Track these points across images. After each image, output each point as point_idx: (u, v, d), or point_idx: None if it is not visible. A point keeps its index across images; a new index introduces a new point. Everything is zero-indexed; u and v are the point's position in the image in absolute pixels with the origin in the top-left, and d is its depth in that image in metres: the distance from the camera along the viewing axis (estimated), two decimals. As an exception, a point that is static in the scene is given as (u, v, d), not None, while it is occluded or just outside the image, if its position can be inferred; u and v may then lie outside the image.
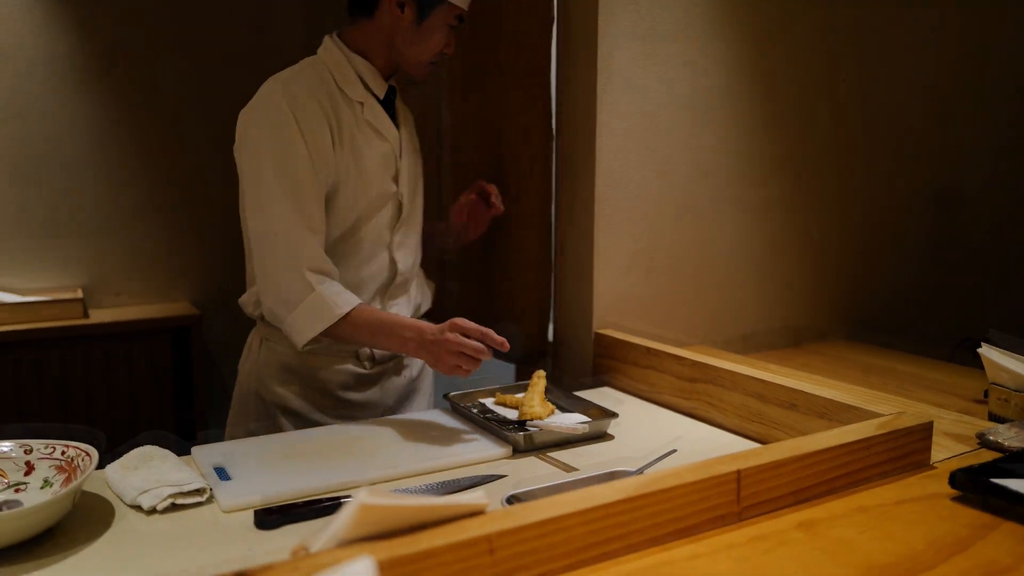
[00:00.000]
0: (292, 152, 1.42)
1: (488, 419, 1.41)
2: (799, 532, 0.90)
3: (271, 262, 1.44)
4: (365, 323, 1.43)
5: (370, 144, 1.52)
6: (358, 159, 1.50)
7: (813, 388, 1.32)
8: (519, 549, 0.77)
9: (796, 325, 2.21)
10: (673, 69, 1.87)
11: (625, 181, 1.84)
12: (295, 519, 1.05)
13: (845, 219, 2.26)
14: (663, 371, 1.59)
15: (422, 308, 1.73)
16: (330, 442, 1.33)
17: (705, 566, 0.82)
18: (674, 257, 1.94)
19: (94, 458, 1.07)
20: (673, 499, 0.87)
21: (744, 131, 2.02)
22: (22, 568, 0.92)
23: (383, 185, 1.54)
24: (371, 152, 1.52)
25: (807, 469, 0.99)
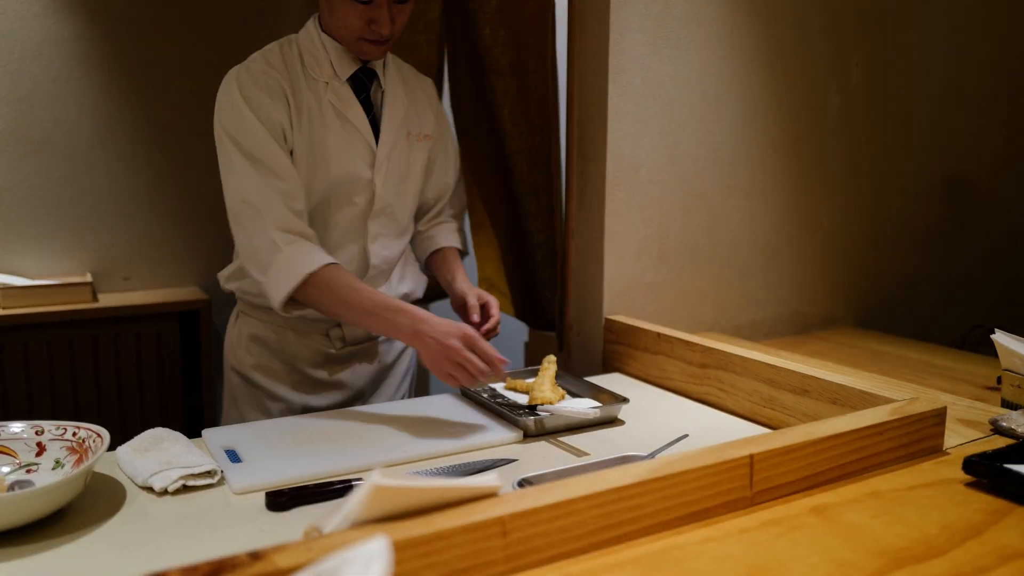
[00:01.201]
0: (244, 122, 1.41)
1: (498, 404, 1.41)
2: (812, 517, 0.90)
3: (242, 229, 1.43)
4: (343, 293, 1.36)
5: (330, 126, 1.46)
6: (316, 139, 1.45)
7: (825, 374, 1.32)
8: (531, 531, 0.77)
9: (805, 312, 2.20)
10: (685, 53, 1.86)
11: (636, 166, 1.83)
12: (306, 501, 1.05)
13: (855, 206, 2.25)
14: (674, 357, 1.59)
15: (411, 296, 1.66)
16: (341, 426, 1.33)
17: (717, 550, 0.81)
18: (684, 243, 1.93)
19: (105, 439, 1.07)
20: (686, 483, 0.87)
21: (755, 116, 2.01)
22: (35, 548, 0.93)
23: (348, 170, 1.48)
24: (331, 134, 1.46)
25: (820, 454, 0.98)
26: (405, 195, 1.59)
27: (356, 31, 1.41)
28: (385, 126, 1.52)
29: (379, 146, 1.51)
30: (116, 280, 2.99)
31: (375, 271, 1.56)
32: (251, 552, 0.66)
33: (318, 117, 1.46)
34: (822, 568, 0.77)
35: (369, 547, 0.53)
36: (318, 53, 1.47)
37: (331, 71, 1.48)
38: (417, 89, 1.63)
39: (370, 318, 1.35)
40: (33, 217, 2.83)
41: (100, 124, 2.91)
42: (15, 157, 2.78)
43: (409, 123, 1.57)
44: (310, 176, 1.46)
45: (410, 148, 1.57)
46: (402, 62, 1.64)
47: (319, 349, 1.58)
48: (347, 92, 1.48)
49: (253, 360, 1.59)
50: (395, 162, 1.54)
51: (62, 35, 2.81)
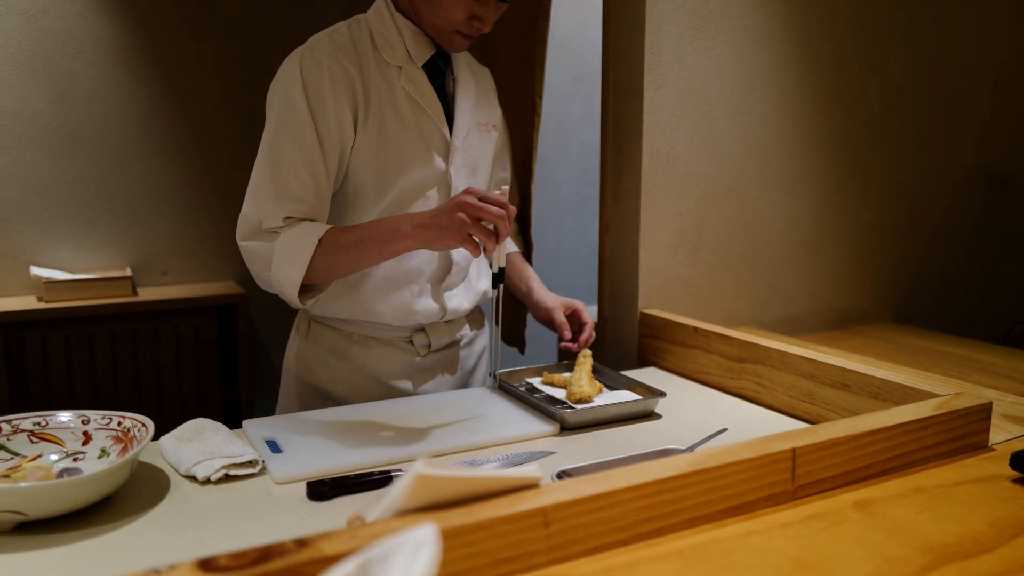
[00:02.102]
0: (293, 120, 1.33)
1: (535, 397, 1.41)
2: (855, 512, 0.89)
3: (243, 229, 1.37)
4: (347, 243, 1.29)
5: (402, 113, 1.39)
6: (387, 129, 1.38)
7: (867, 368, 1.30)
8: (573, 523, 0.76)
9: (843, 307, 2.17)
10: (721, 45, 1.84)
11: (672, 159, 1.82)
12: (346, 491, 1.06)
13: (894, 199, 2.21)
14: (711, 351, 1.58)
15: (487, 296, 1.59)
16: (379, 418, 1.34)
17: (760, 543, 0.81)
18: (720, 237, 1.92)
19: (150, 429, 1.09)
20: (727, 476, 0.86)
21: (792, 109, 1.99)
22: (83, 534, 0.94)
23: (421, 161, 1.41)
24: (404, 122, 1.39)
25: (863, 449, 0.97)
26: (481, 185, 1.53)
27: (456, 24, 1.35)
28: (459, 115, 1.46)
29: (453, 136, 1.44)
30: (155, 274, 3.04)
31: (457, 268, 1.50)
32: (297, 539, 0.67)
33: (389, 104, 1.38)
34: (868, 563, 0.77)
35: (418, 534, 0.53)
36: (391, 35, 1.40)
37: (405, 55, 1.40)
38: (482, 78, 1.57)
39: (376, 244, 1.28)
40: (74, 212, 2.89)
41: (138, 120, 2.95)
42: (57, 153, 2.84)
43: (479, 112, 1.51)
44: (382, 170, 1.39)
45: (480, 138, 1.51)
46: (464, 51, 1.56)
47: (403, 358, 1.51)
48: (422, 78, 1.41)
49: (331, 375, 1.50)
50: (468, 153, 1.48)
51: (102, 34, 2.86)
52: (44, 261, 2.84)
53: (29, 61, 2.75)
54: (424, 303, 1.47)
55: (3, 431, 1.09)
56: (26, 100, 2.76)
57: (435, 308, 1.48)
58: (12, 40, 2.72)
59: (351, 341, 1.50)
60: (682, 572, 0.74)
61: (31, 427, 1.12)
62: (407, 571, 0.50)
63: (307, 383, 1.52)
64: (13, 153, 2.76)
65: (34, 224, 2.82)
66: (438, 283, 1.49)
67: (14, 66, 2.73)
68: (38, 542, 0.92)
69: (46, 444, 1.12)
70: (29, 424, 1.12)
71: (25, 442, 1.11)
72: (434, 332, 1.52)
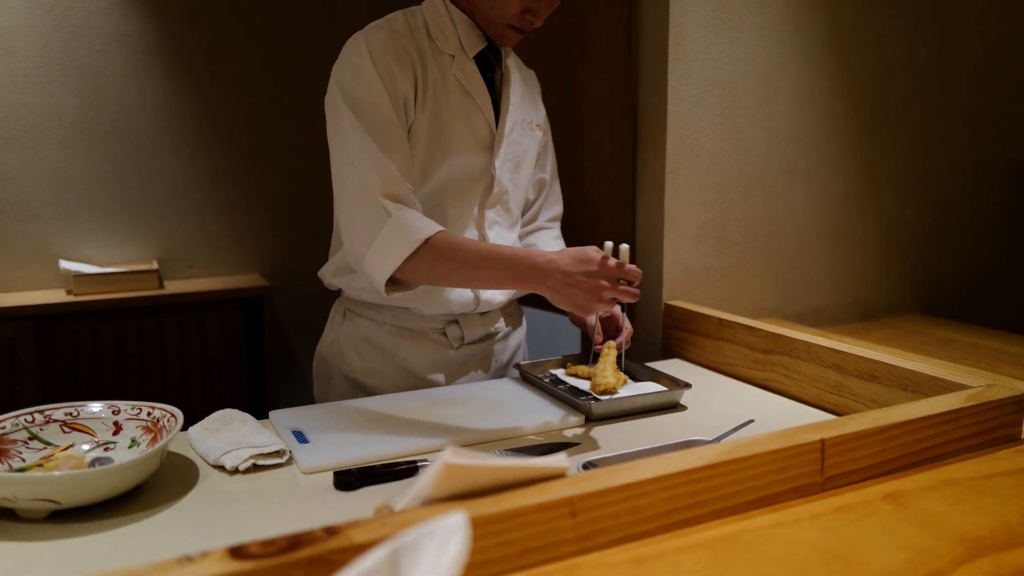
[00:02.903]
0: (369, 90, 1.31)
1: (560, 388, 1.41)
2: (886, 504, 0.88)
3: (346, 197, 1.32)
4: (455, 251, 1.25)
5: (453, 101, 1.39)
6: (439, 115, 1.38)
7: (895, 359, 1.29)
8: (601, 513, 0.76)
9: (869, 299, 2.15)
10: (747, 34, 1.82)
11: (696, 149, 1.80)
12: (373, 481, 1.06)
13: (921, 190, 2.19)
14: (736, 343, 1.57)
15: (522, 293, 1.58)
16: (404, 408, 1.35)
17: (789, 535, 0.80)
18: (745, 228, 1.90)
19: (179, 419, 1.10)
20: (755, 467, 0.86)
21: (818, 98, 1.96)
22: (114, 523, 0.96)
23: (467, 151, 1.41)
24: (454, 110, 1.39)
25: (893, 440, 0.96)
26: (518, 184, 1.52)
27: (510, 17, 1.35)
28: (506, 108, 1.46)
29: (499, 129, 1.45)
30: (180, 267, 3.07)
31: None
32: (327, 527, 0.67)
33: (442, 91, 1.38)
34: (899, 555, 0.76)
35: (447, 522, 0.53)
36: (445, 25, 1.40)
37: (458, 45, 1.41)
38: (529, 79, 1.58)
39: (488, 269, 1.24)
40: (102, 206, 2.92)
41: (164, 116, 2.98)
42: (85, 149, 2.87)
43: (525, 110, 1.52)
44: (429, 155, 1.38)
45: (524, 135, 1.51)
46: (510, 49, 1.55)
47: (437, 351, 1.50)
48: (473, 68, 1.42)
49: (364, 365, 1.50)
50: (512, 148, 1.48)
51: (127, 30, 2.89)
52: (73, 255, 2.88)
53: (57, 58, 2.79)
54: (459, 293, 1.46)
55: (36, 421, 1.11)
56: (54, 96, 2.80)
57: (469, 298, 1.47)
58: (40, 37, 2.75)
59: (384, 331, 1.49)
60: (710, 563, 0.74)
61: (63, 417, 1.13)
62: (437, 559, 0.51)
63: (341, 372, 1.53)
64: (42, 149, 2.80)
65: (63, 218, 2.86)
66: None
67: (42, 63, 2.77)
68: (71, 530, 0.94)
69: (78, 434, 1.13)
70: (61, 414, 1.13)
71: (57, 432, 1.12)
72: (468, 324, 1.51)
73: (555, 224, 1.69)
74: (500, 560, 0.72)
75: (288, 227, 3.20)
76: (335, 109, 1.34)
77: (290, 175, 3.17)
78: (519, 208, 1.56)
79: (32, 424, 1.11)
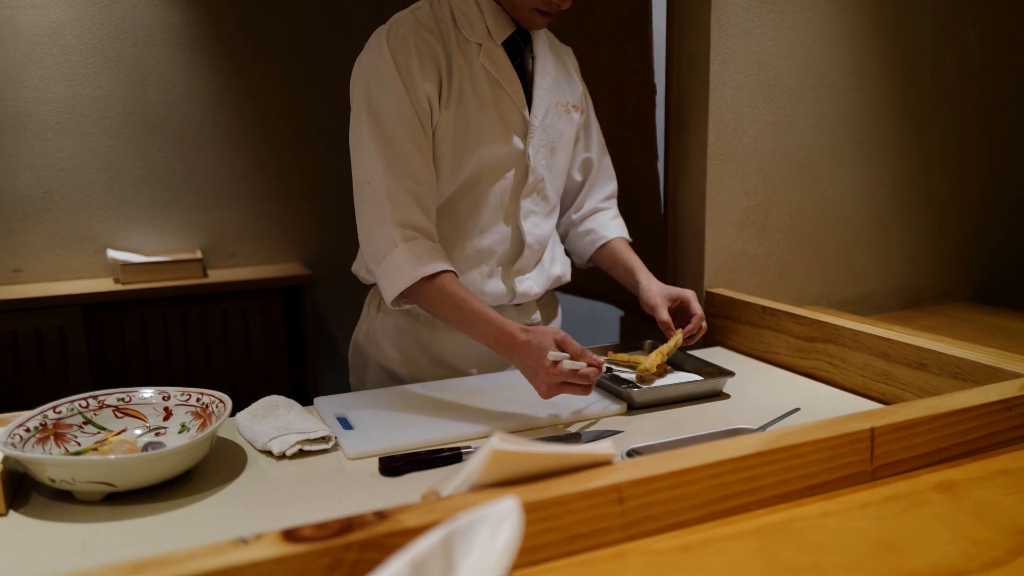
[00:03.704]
0: (389, 96, 1.31)
1: (602, 377, 1.40)
2: (937, 493, 0.86)
3: (362, 214, 1.35)
4: (448, 298, 1.28)
5: (481, 91, 1.37)
6: (467, 107, 1.36)
7: (945, 347, 1.26)
8: (648, 500, 0.76)
9: (917, 285, 2.11)
10: (791, 16, 1.79)
11: (739, 135, 1.78)
12: (418, 467, 1.07)
13: (971, 174, 2.13)
14: (780, 330, 1.55)
15: (562, 279, 1.57)
16: (446, 396, 1.36)
17: (839, 524, 0.79)
18: (789, 214, 1.88)
19: (228, 405, 1.12)
20: (804, 455, 0.85)
21: (864, 81, 1.93)
22: (167, 505, 0.98)
23: (499, 140, 1.39)
24: (483, 101, 1.37)
25: (945, 429, 0.94)
26: (555, 170, 1.49)
27: (534, 2, 1.34)
28: (537, 94, 1.42)
29: (532, 115, 1.41)
30: (223, 256, 3.12)
31: (529, 251, 1.47)
32: (377, 512, 0.68)
33: (469, 82, 1.36)
34: (954, 545, 0.75)
35: (500, 507, 0.53)
36: (471, 12, 1.38)
37: (485, 31, 1.38)
38: (564, 58, 1.54)
39: (468, 327, 1.28)
40: (148, 196, 2.98)
41: (208, 106, 3.02)
42: (131, 139, 2.92)
43: (559, 92, 1.48)
44: (459, 148, 1.37)
45: (559, 119, 1.47)
46: (545, 28, 1.51)
47: (471, 341, 1.46)
48: (501, 55, 1.39)
49: (399, 355, 1.50)
50: (547, 133, 1.45)
51: (173, 22, 2.93)
52: (120, 244, 2.94)
53: (103, 50, 2.84)
54: (494, 284, 1.46)
55: (90, 406, 1.14)
56: (102, 88, 2.85)
57: (504, 290, 1.47)
58: (87, 30, 2.80)
59: (418, 322, 1.49)
60: (760, 551, 0.74)
61: (116, 403, 1.16)
62: (490, 543, 0.51)
63: (377, 362, 1.53)
64: (90, 140, 2.85)
65: (110, 208, 2.92)
66: (509, 265, 1.47)
67: (89, 55, 2.82)
68: (126, 512, 0.96)
69: (130, 419, 1.16)
70: (114, 400, 1.16)
71: (110, 417, 1.15)
72: (502, 315, 1.50)
73: (610, 204, 1.64)
74: (547, 546, 0.72)
75: (329, 217, 3.23)
76: (356, 113, 1.35)
77: (332, 165, 3.20)
78: (557, 194, 1.53)
79: (86, 409, 1.13)
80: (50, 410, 1.10)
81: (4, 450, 0.95)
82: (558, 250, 1.57)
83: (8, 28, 2.72)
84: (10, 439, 0.99)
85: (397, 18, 1.37)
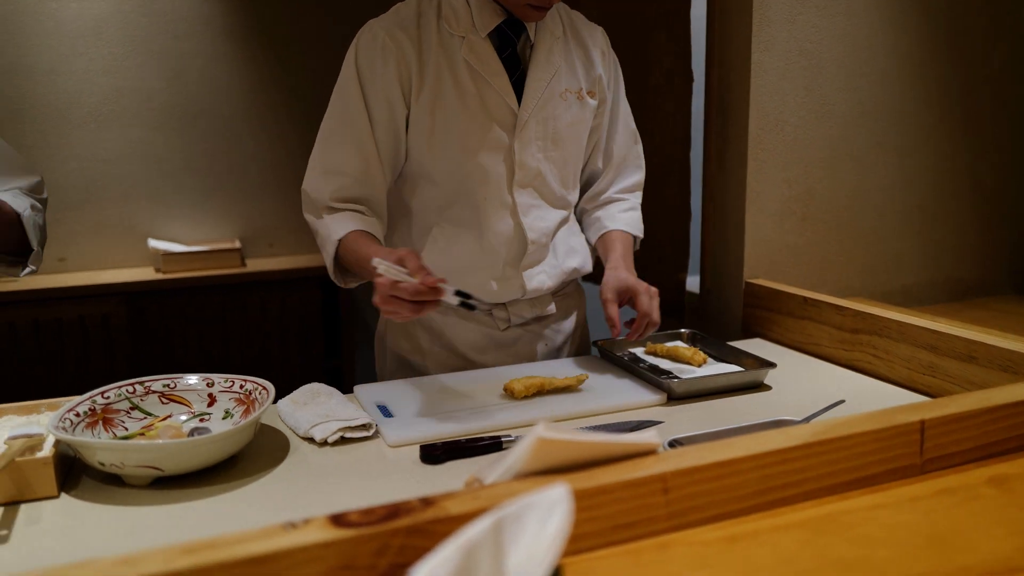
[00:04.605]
0: (342, 93, 1.38)
1: (641, 367, 1.40)
2: (990, 488, 0.85)
3: (304, 209, 1.44)
4: (353, 255, 1.33)
5: (465, 85, 1.34)
6: (447, 101, 1.33)
7: (995, 339, 1.23)
8: (693, 490, 0.75)
9: (962, 277, 2.07)
10: (835, 3, 1.76)
11: (780, 123, 1.76)
12: (458, 455, 1.08)
13: (1018, 164, 2.08)
14: (822, 322, 1.53)
15: (581, 271, 1.53)
16: (485, 385, 1.36)
17: (889, 517, 0.78)
18: (831, 204, 1.85)
19: (271, 392, 1.13)
20: (851, 448, 0.83)
21: (909, 68, 1.88)
22: (214, 490, 0.99)
23: (482, 136, 1.35)
24: (466, 94, 1.34)
25: (997, 423, 0.92)
26: (560, 161, 1.43)
27: None
28: (530, 84, 1.37)
29: (522, 107, 1.37)
30: (262, 246, 3.15)
31: (535, 246, 1.43)
32: (423, 498, 0.68)
33: (449, 76, 1.34)
34: (1009, 541, 0.73)
35: (550, 494, 0.53)
36: (458, 4, 1.35)
37: (469, 24, 1.34)
38: (587, 40, 1.46)
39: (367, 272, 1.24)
40: (189, 186, 3.02)
41: (246, 97, 3.05)
42: (171, 131, 2.96)
43: (568, 79, 1.41)
44: (440, 142, 1.36)
45: (567, 107, 1.41)
46: (569, 9, 1.47)
47: (483, 331, 1.47)
48: (485, 47, 1.35)
49: (411, 344, 1.50)
50: (544, 125, 1.39)
51: (211, 13, 2.96)
52: (160, 234, 2.99)
53: (145, 43, 2.88)
54: (502, 283, 1.43)
55: (137, 392, 1.16)
56: (143, 80, 2.89)
57: (514, 288, 1.44)
58: (129, 22, 2.84)
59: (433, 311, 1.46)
60: (808, 542, 0.73)
61: (161, 388, 1.18)
62: (540, 530, 0.51)
63: (392, 351, 1.54)
64: (132, 131, 2.90)
65: (151, 199, 2.96)
66: (516, 262, 1.43)
67: (131, 47, 2.86)
68: (172, 496, 0.98)
69: (175, 405, 1.18)
70: (160, 386, 1.18)
71: (156, 403, 1.17)
72: (515, 308, 1.47)
73: (628, 195, 1.56)
74: (592, 535, 0.72)
75: (364, 206, 3.25)
76: (330, 104, 1.42)
77: (366, 155, 3.21)
78: (565, 185, 1.46)
79: (133, 395, 1.15)
80: (99, 395, 1.12)
81: (56, 433, 0.97)
82: (576, 242, 1.52)
83: (53, 21, 2.77)
84: (61, 423, 1.01)
85: (383, 16, 1.39)
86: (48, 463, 0.96)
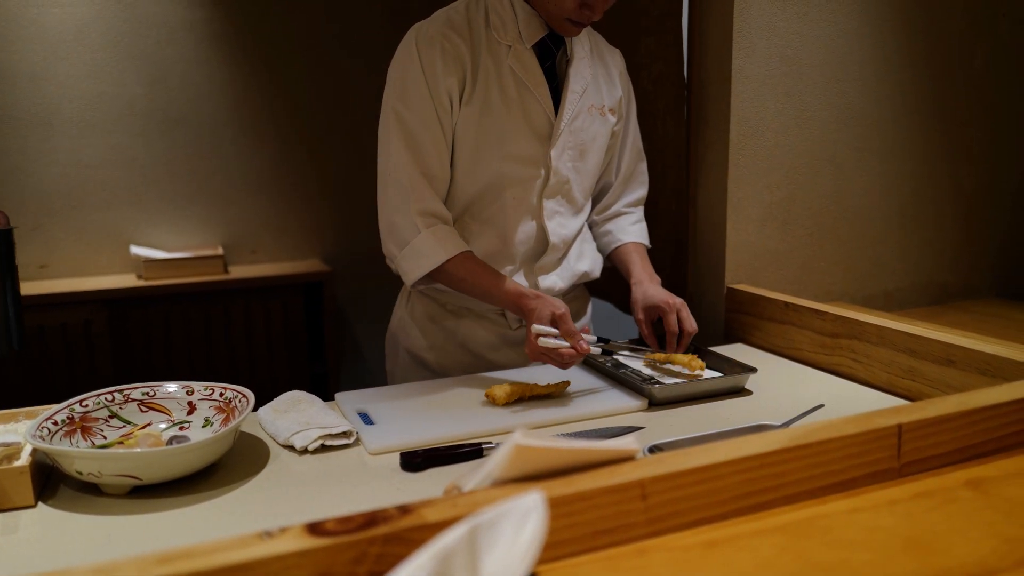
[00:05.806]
0: (414, 95, 1.37)
1: (623, 372, 1.40)
2: (967, 491, 0.85)
3: (386, 203, 1.42)
4: (469, 274, 1.38)
5: (508, 92, 1.40)
6: (493, 105, 1.39)
7: (973, 343, 1.24)
8: (672, 495, 0.76)
9: (943, 281, 2.09)
10: (814, 9, 1.77)
11: (761, 129, 1.77)
12: (438, 462, 1.07)
13: (1000, 169, 2.10)
14: (802, 327, 1.53)
15: (590, 276, 1.58)
16: (467, 391, 1.36)
17: (867, 520, 0.78)
18: (812, 209, 1.86)
19: (250, 399, 1.12)
20: (830, 452, 0.84)
21: (890, 74, 1.90)
22: (192, 499, 0.99)
23: (522, 141, 1.42)
24: (509, 101, 1.40)
25: (975, 425, 0.92)
26: (584, 172, 1.51)
27: (567, 12, 1.35)
28: (567, 96, 1.44)
29: (559, 117, 1.44)
30: (244, 253, 3.14)
31: (553, 249, 1.49)
32: (400, 506, 0.68)
33: (496, 83, 1.40)
34: (985, 543, 0.73)
35: (525, 501, 0.53)
36: (505, 14, 1.41)
37: (516, 34, 1.41)
38: (608, 60, 1.55)
39: (490, 298, 1.39)
40: (170, 193, 3.00)
41: (229, 103, 3.04)
42: (153, 136, 2.95)
43: (594, 95, 1.49)
44: (481, 145, 1.41)
45: (592, 122, 1.49)
46: (593, 31, 1.55)
47: (495, 331, 1.53)
48: (530, 58, 1.42)
49: (427, 341, 1.55)
50: (575, 136, 1.47)
51: (194, 19, 2.95)
52: (142, 240, 2.97)
53: (126, 48, 2.86)
54: (516, 281, 1.45)
55: (116, 400, 1.15)
56: (124, 86, 2.87)
57: (526, 286, 1.46)
58: (111, 28, 2.83)
59: (446, 311, 1.53)
60: (786, 547, 0.73)
61: (141, 397, 1.17)
62: (515, 538, 0.51)
63: (406, 348, 1.58)
64: (113, 137, 2.88)
65: (133, 205, 2.94)
66: (532, 262, 1.50)
67: (114, 53, 2.84)
68: (151, 506, 0.97)
69: (155, 413, 1.17)
70: (139, 394, 1.17)
71: (135, 411, 1.16)
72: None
73: (635, 209, 1.65)
74: (570, 542, 0.72)
75: (349, 213, 3.24)
76: (385, 107, 1.42)
77: (350, 163, 3.21)
78: (587, 195, 1.55)
79: (112, 403, 1.14)
80: (77, 404, 1.11)
81: (33, 442, 0.96)
82: (587, 247, 1.58)
83: (35, 27, 2.75)
84: (38, 432, 1.00)
85: (432, 17, 1.41)
86: (25, 472, 0.95)
